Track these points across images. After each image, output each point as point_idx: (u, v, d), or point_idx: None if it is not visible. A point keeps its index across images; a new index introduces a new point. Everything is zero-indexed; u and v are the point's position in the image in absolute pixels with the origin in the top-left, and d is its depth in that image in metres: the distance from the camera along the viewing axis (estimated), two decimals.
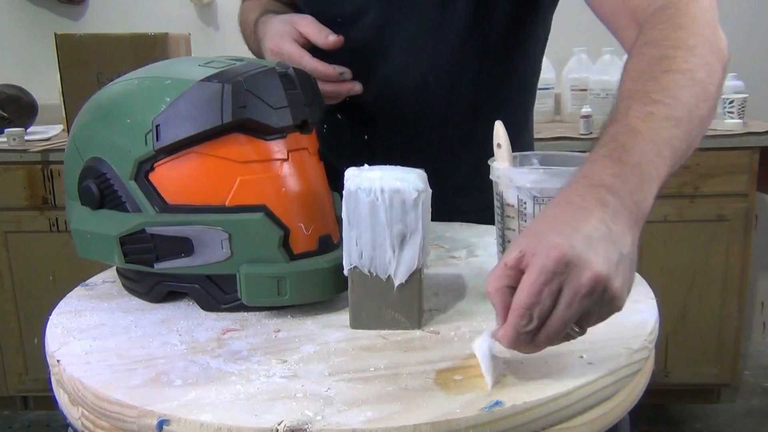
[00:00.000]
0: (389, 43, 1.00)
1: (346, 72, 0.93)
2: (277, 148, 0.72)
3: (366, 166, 0.68)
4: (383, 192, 0.64)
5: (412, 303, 0.67)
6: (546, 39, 1.07)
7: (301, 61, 0.91)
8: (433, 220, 0.68)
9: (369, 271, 0.66)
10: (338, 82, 0.94)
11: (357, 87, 0.95)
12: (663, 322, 0.70)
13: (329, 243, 0.74)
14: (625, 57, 0.68)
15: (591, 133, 2.11)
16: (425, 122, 1.04)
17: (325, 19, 1.01)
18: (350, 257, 0.66)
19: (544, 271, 0.51)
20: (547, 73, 2.36)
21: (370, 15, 0.99)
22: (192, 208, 0.70)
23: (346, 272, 0.67)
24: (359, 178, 0.65)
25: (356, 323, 0.68)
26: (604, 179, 0.55)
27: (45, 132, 2.28)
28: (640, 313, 0.69)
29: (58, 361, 0.62)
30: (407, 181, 0.64)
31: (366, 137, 1.05)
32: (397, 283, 0.66)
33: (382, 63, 1.01)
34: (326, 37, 0.93)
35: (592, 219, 0.53)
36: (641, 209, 0.55)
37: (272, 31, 0.95)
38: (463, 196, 1.06)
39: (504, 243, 0.74)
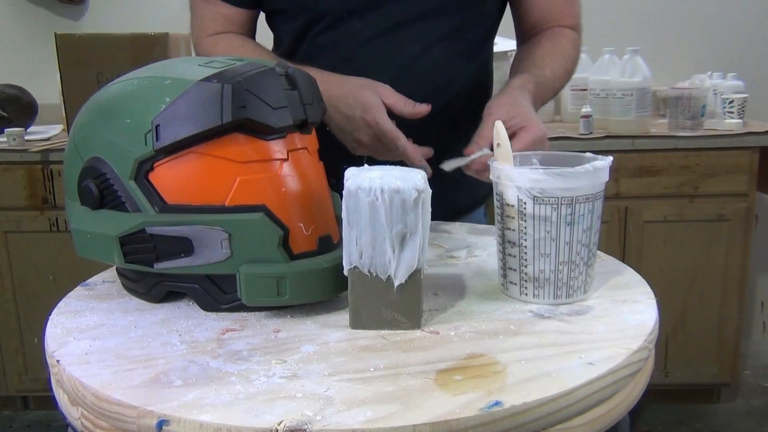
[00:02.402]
0: (405, 35, 1.02)
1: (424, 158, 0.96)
2: (277, 148, 0.72)
3: (366, 165, 0.68)
4: (383, 192, 0.64)
5: (412, 303, 0.67)
6: None
7: (398, 143, 0.92)
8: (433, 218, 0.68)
9: (369, 271, 0.66)
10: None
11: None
12: (663, 322, 0.70)
13: (329, 243, 0.74)
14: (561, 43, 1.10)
15: (591, 132, 2.11)
16: (440, 107, 1.05)
17: (329, 17, 1.02)
18: (350, 257, 0.66)
19: (535, 139, 0.88)
20: None
21: (384, 8, 1.01)
22: (192, 208, 0.70)
23: (345, 272, 0.67)
24: (359, 178, 0.65)
25: (356, 323, 0.67)
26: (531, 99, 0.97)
27: (45, 132, 2.28)
28: (640, 313, 0.69)
29: (57, 361, 0.62)
30: (407, 181, 0.64)
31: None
32: (396, 283, 0.66)
33: (398, 53, 1.02)
34: (413, 107, 0.95)
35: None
36: None
37: (362, 101, 0.94)
38: (460, 189, 1.09)
39: (504, 243, 0.74)
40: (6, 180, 2.10)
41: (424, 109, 0.95)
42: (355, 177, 0.65)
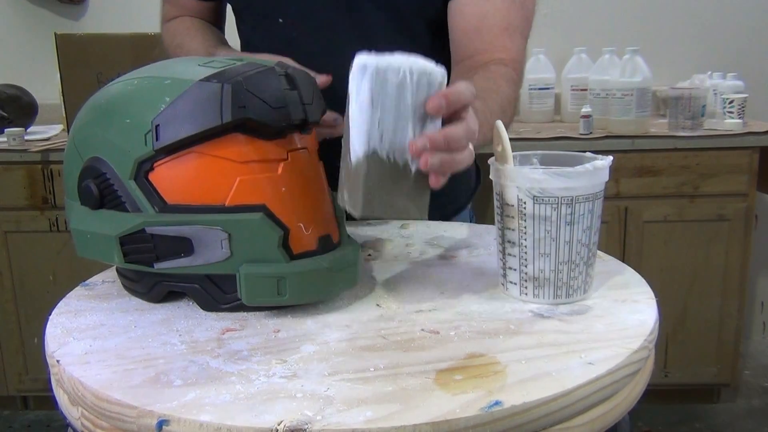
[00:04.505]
0: (343, 43, 1.01)
1: (339, 117, 0.93)
2: (277, 148, 0.72)
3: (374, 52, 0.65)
4: (412, 73, 0.62)
5: (423, 191, 0.66)
6: None
7: None
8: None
9: (387, 156, 0.64)
10: (330, 127, 0.93)
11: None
12: (663, 322, 0.70)
13: (329, 243, 0.74)
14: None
15: (591, 132, 2.11)
16: None
17: (267, 22, 1.03)
18: (369, 140, 0.63)
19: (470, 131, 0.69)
20: (547, 73, 2.36)
21: (320, 16, 1.00)
22: (192, 208, 0.70)
23: (361, 157, 0.64)
24: (385, 60, 0.62)
25: (367, 210, 0.65)
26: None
27: (45, 132, 2.28)
28: (640, 313, 0.69)
29: (57, 361, 0.62)
30: (432, 65, 0.63)
31: (326, 138, 1.05)
32: (414, 168, 0.65)
33: (337, 62, 1.00)
34: (314, 78, 0.92)
35: None
36: None
37: None
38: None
39: (504, 243, 0.74)
40: (6, 180, 2.10)
41: (323, 80, 0.92)
42: (374, 59, 0.63)
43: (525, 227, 0.71)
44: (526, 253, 0.71)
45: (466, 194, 1.19)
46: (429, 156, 0.63)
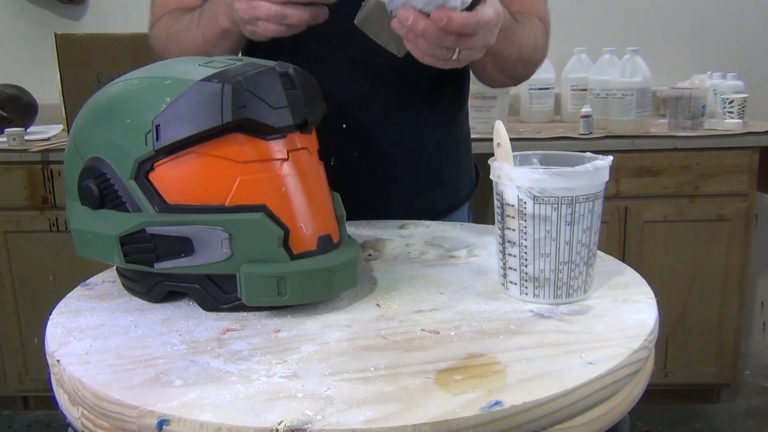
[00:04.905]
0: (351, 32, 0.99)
1: None
2: (277, 147, 0.72)
3: None
4: None
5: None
6: None
7: None
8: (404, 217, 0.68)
9: None
10: (315, 7, 0.85)
11: (324, 14, 0.87)
12: (663, 322, 0.70)
13: (329, 243, 0.74)
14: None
15: (591, 132, 2.11)
16: (400, 103, 1.05)
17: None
18: None
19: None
20: (547, 73, 2.36)
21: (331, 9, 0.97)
22: (192, 207, 0.70)
23: None
24: None
25: (363, 23, 0.78)
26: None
27: (45, 132, 2.28)
28: (640, 313, 0.69)
29: (58, 361, 0.62)
30: None
31: (344, 126, 1.03)
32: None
33: (361, 47, 0.95)
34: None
35: None
36: None
37: None
38: (432, 190, 1.10)
39: (504, 243, 0.74)
40: (6, 180, 2.10)
41: None
42: None
43: (525, 227, 0.71)
44: (526, 253, 0.72)
45: (468, 186, 1.18)
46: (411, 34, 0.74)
